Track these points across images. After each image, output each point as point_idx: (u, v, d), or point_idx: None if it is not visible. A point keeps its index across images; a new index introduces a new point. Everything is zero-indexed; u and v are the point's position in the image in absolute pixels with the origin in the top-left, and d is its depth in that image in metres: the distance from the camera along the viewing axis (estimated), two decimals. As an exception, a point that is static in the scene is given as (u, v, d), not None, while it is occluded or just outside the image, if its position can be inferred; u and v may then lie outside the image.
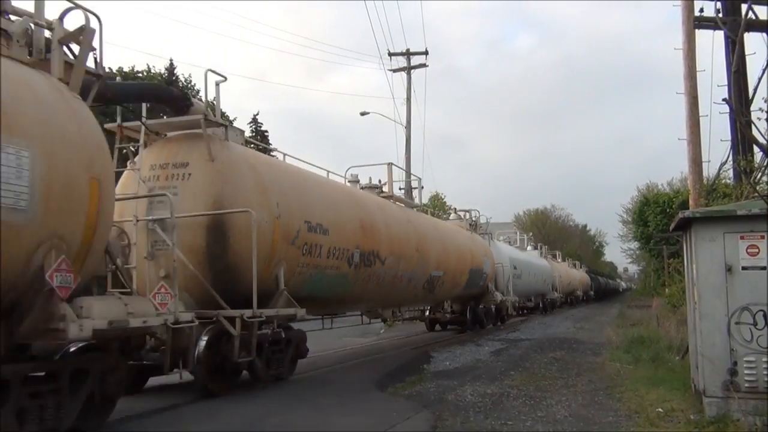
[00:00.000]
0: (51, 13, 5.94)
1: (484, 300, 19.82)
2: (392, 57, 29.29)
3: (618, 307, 38.50)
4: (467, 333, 18.07)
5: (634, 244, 57.24)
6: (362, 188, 13.62)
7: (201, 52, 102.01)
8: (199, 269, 8.02)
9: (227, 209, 8.16)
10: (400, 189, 28.90)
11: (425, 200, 43.99)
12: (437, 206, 41.63)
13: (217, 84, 8.70)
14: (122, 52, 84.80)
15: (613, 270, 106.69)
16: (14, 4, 5.76)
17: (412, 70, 29.41)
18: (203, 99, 9.38)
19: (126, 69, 38.16)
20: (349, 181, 13.30)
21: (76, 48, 6.07)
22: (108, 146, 6.21)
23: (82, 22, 6.02)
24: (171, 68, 39.92)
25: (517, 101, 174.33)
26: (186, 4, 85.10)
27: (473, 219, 20.88)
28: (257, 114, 47.53)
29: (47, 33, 5.91)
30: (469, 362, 11.45)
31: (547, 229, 78.72)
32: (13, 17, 5.69)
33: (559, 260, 41.56)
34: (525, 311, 29.18)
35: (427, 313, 18.73)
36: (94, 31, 6.11)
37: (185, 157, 8.43)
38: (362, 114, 29.64)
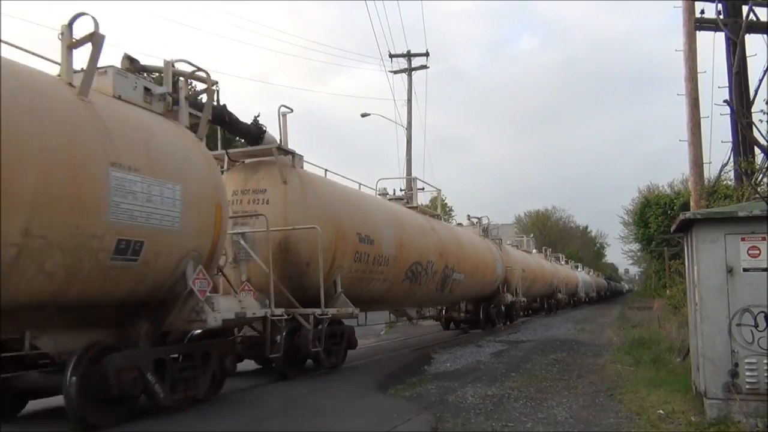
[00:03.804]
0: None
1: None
2: (393, 58, 29.32)
3: (619, 309, 38.47)
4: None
5: (635, 246, 57.39)
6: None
7: (203, 54, 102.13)
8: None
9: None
10: (401, 190, 28.81)
11: (426, 201, 44.03)
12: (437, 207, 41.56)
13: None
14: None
15: (614, 271, 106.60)
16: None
17: (413, 72, 29.42)
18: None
19: (127, 70, 38.22)
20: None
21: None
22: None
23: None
24: (172, 70, 39.85)
25: (519, 103, 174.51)
26: (187, 6, 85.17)
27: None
28: (258, 115, 47.59)
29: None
30: (470, 364, 11.44)
31: (548, 231, 78.70)
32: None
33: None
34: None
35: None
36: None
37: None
38: (363, 115, 29.63)
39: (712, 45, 14.70)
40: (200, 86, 8.47)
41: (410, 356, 12.88)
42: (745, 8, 14.04)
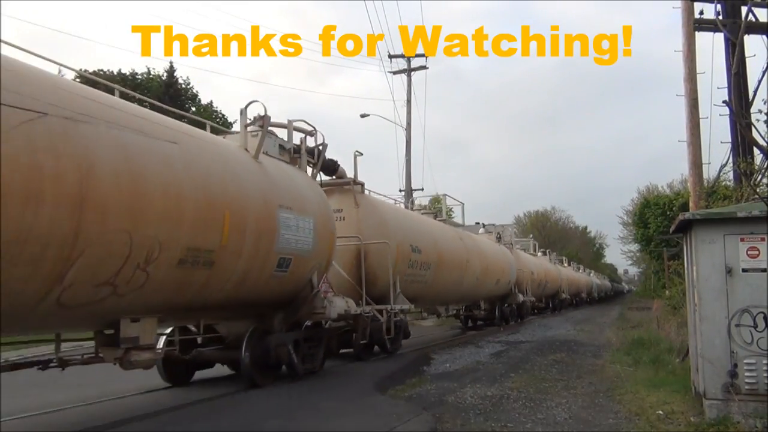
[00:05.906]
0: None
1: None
2: (392, 59, 29.36)
3: (618, 309, 38.49)
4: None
5: (635, 246, 57.42)
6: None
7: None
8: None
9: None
10: (400, 191, 28.66)
11: (426, 201, 44.12)
12: (438, 208, 41.62)
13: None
14: (122, 54, 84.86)
15: (613, 272, 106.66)
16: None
17: (412, 73, 29.47)
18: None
19: (126, 72, 38.23)
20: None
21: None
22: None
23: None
24: (171, 71, 39.95)
25: (518, 103, 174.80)
26: (187, 6, 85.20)
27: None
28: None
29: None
30: (470, 364, 11.44)
31: (548, 231, 78.74)
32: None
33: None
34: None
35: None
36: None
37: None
38: (362, 116, 29.66)
39: (712, 46, 14.71)
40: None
41: (409, 357, 12.88)
42: (744, 9, 14.05)
